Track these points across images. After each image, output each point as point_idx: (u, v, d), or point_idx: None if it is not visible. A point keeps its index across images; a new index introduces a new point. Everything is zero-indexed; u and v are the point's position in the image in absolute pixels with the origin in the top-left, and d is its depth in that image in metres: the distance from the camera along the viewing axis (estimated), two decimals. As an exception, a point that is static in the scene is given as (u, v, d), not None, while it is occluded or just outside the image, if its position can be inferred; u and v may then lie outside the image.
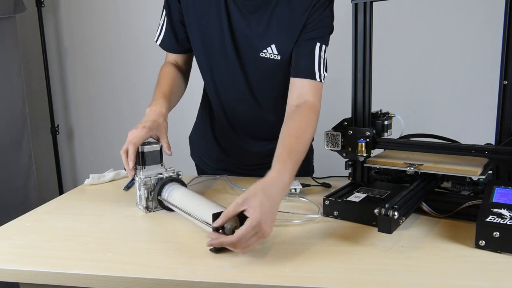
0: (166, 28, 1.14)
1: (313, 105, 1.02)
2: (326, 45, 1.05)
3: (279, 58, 1.06)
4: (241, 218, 0.76)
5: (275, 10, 1.03)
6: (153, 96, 1.08)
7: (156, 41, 1.17)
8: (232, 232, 0.74)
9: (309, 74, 1.03)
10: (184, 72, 1.21)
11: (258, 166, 1.26)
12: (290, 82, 1.05)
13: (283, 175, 0.81)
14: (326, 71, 1.06)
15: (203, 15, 1.06)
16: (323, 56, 1.05)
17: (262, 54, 1.07)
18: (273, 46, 1.05)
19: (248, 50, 1.07)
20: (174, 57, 1.19)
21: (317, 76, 1.03)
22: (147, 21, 2.30)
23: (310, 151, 1.37)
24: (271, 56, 1.06)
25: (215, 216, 0.75)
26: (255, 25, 1.04)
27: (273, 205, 0.76)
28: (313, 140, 1.37)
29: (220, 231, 0.74)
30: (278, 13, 1.03)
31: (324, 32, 1.04)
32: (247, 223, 0.71)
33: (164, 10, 1.13)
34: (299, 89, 1.03)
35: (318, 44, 1.03)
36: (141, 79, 2.38)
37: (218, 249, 0.76)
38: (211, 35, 1.07)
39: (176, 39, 1.14)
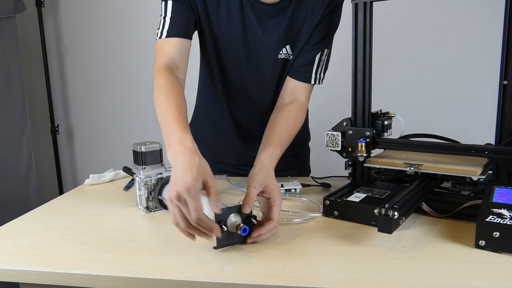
0: (172, 14, 1.00)
1: (303, 104, 1.09)
2: (329, 48, 1.11)
3: (291, 58, 1.09)
4: (241, 214, 0.77)
5: (293, 13, 1.04)
6: (166, 125, 0.83)
7: (160, 36, 1.00)
8: (236, 229, 0.75)
9: (306, 78, 1.09)
10: (182, 77, 1.02)
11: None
12: (287, 78, 1.10)
13: (275, 160, 0.91)
14: (324, 72, 1.11)
15: (214, 18, 1.05)
16: (323, 60, 1.09)
17: (279, 56, 1.09)
18: (287, 46, 1.08)
19: (263, 54, 1.08)
20: (172, 52, 1.00)
21: (312, 80, 1.10)
22: (147, 21, 2.30)
23: (307, 151, 1.38)
24: (286, 56, 1.09)
25: (223, 211, 0.75)
26: (273, 29, 1.05)
27: None
28: (309, 139, 1.38)
29: (224, 228, 0.74)
30: (296, 16, 1.05)
31: (331, 34, 1.08)
32: (276, 202, 0.80)
33: (169, 2, 1.01)
34: (293, 88, 1.09)
35: (321, 49, 1.08)
36: (141, 79, 2.38)
37: (221, 246, 0.76)
38: (222, 39, 1.07)
39: (186, 23, 1.02)
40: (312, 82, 1.09)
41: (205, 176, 0.73)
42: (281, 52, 1.08)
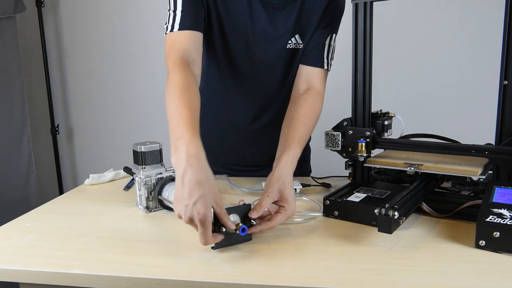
0: (184, 8, 0.97)
1: (319, 92, 1.07)
2: (336, 33, 1.11)
3: (301, 47, 1.09)
4: (240, 213, 0.77)
5: (302, 3, 1.05)
6: (175, 125, 0.78)
7: (172, 30, 0.96)
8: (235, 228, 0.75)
9: (319, 63, 1.08)
10: (197, 72, 0.98)
11: (259, 168, 1.26)
12: (299, 67, 1.09)
13: (295, 161, 0.90)
14: (333, 58, 1.11)
15: (224, 12, 1.04)
16: (333, 45, 1.10)
17: (288, 46, 1.08)
18: (297, 36, 1.08)
19: (272, 47, 1.08)
20: (187, 45, 0.96)
21: (325, 64, 1.08)
22: (147, 21, 2.30)
23: (308, 150, 1.38)
24: (296, 46, 1.09)
25: (229, 210, 0.76)
26: (282, 21, 1.05)
27: None
28: (310, 140, 1.37)
29: (223, 229, 0.74)
30: (305, 6, 1.05)
31: (338, 18, 1.09)
32: (286, 212, 0.80)
33: None
34: (307, 75, 1.08)
35: (330, 33, 1.08)
36: (142, 78, 2.39)
37: (219, 247, 0.76)
38: (231, 34, 1.06)
39: (197, 16, 0.99)
40: (325, 67, 1.08)
41: (214, 197, 0.72)
42: (290, 42, 1.08)
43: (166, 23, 0.99)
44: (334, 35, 1.09)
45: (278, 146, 0.95)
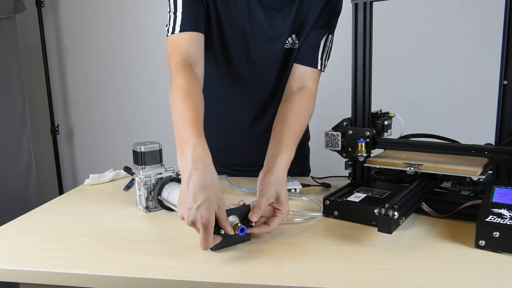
0: (184, 9, 0.97)
1: (312, 92, 1.07)
2: (333, 34, 1.10)
3: (296, 46, 1.09)
4: (239, 214, 0.77)
5: (300, 4, 1.05)
6: (180, 128, 0.79)
7: (173, 32, 0.97)
8: (233, 229, 0.75)
9: (313, 63, 1.08)
10: (200, 73, 1.00)
11: (259, 168, 1.25)
12: (293, 66, 1.09)
13: (289, 161, 0.90)
14: (328, 59, 1.11)
15: (224, 14, 1.04)
16: (328, 46, 1.09)
17: (286, 45, 1.09)
18: (293, 36, 1.08)
19: (270, 48, 1.08)
20: (189, 47, 0.96)
21: (319, 65, 1.08)
22: (147, 21, 2.30)
23: (307, 151, 1.38)
24: (292, 45, 1.09)
25: (228, 211, 0.76)
26: (280, 23, 1.05)
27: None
28: (309, 139, 1.37)
29: (222, 231, 0.74)
30: (302, 7, 1.05)
31: (335, 18, 1.09)
32: (283, 215, 0.81)
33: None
34: (301, 74, 1.08)
35: (326, 34, 1.08)
36: (141, 78, 2.39)
37: (218, 248, 0.76)
38: (230, 36, 1.07)
39: (198, 17, 0.99)
40: (319, 67, 1.08)
41: (217, 202, 0.73)
42: (287, 42, 1.08)
43: (166, 25, 0.99)
44: (330, 35, 1.09)
45: (271, 141, 0.95)
